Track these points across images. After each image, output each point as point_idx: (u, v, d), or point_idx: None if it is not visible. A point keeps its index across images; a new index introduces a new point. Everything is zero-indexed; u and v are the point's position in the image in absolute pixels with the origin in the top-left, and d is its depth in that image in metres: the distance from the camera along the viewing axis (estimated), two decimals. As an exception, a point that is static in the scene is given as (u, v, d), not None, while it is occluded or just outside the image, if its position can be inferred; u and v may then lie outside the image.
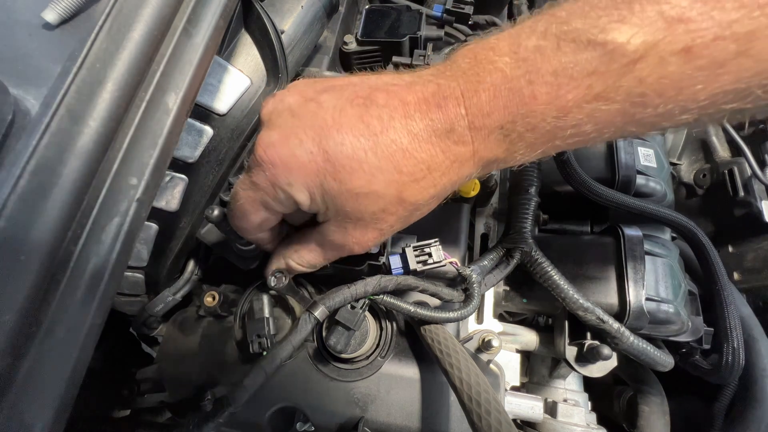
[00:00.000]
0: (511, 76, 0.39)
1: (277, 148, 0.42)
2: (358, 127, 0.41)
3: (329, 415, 0.61)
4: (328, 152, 0.41)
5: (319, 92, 0.44)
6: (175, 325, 0.71)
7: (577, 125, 0.39)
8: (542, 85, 0.38)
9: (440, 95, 0.41)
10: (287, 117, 0.44)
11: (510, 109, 0.40)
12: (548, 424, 0.69)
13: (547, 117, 0.39)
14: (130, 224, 0.37)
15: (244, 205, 0.47)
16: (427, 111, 0.41)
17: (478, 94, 0.40)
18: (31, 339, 0.33)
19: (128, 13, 0.39)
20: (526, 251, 0.66)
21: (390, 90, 0.43)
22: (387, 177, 0.42)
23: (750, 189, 0.98)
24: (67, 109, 0.35)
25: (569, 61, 0.37)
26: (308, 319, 0.54)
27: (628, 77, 0.35)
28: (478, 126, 0.41)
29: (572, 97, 0.38)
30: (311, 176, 0.43)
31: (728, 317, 0.68)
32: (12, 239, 0.32)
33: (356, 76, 0.47)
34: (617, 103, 0.37)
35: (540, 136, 0.41)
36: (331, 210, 0.46)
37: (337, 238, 0.49)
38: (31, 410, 0.33)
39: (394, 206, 0.45)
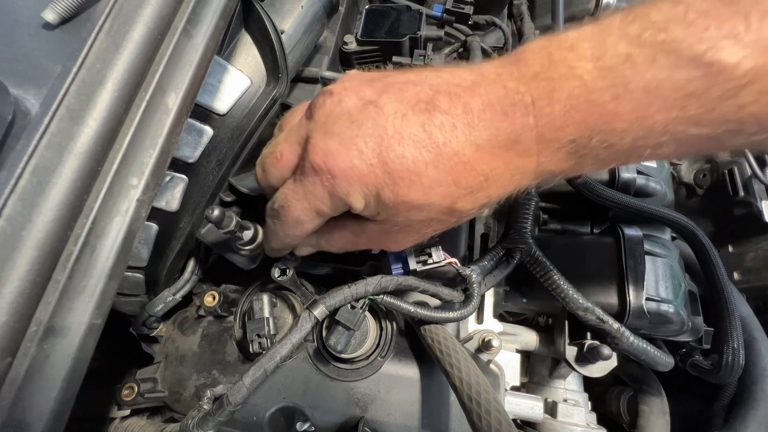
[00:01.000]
0: (593, 88, 0.35)
1: (337, 159, 0.40)
2: (419, 138, 0.39)
3: (329, 415, 0.61)
4: (387, 164, 0.39)
5: (378, 93, 0.42)
6: (175, 325, 0.71)
7: (658, 146, 0.36)
8: (629, 101, 0.34)
9: (507, 101, 0.38)
10: (346, 123, 0.41)
11: (587, 124, 0.36)
12: (548, 424, 0.69)
13: (627, 135, 0.35)
14: (130, 224, 0.37)
15: (300, 215, 0.46)
16: (492, 120, 0.38)
17: (552, 105, 0.36)
18: (31, 339, 0.32)
19: (128, 13, 0.39)
20: (526, 251, 0.66)
21: (452, 93, 0.40)
22: (444, 190, 0.40)
23: (750, 189, 0.98)
24: (67, 109, 0.35)
25: (665, 78, 0.32)
26: (308, 317, 0.54)
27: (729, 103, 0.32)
28: (547, 139, 0.38)
29: (661, 118, 0.34)
30: (369, 187, 0.41)
31: (728, 317, 0.68)
32: (12, 239, 0.32)
33: (413, 72, 0.44)
34: (709, 128, 0.33)
35: (614, 153, 0.37)
36: (381, 215, 0.44)
37: (377, 236, 0.48)
38: (31, 410, 0.33)
39: (443, 216, 0.44)
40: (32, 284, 0.32)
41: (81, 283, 0.35)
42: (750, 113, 0.32)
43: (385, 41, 0.91)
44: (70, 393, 0.34)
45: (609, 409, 0.87)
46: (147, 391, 0.67)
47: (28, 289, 0.32)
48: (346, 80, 0.45)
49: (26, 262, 0.32)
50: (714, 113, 0.32)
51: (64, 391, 0.34)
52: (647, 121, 0.34)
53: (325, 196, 0.43)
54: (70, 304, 0.34)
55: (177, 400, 0.66)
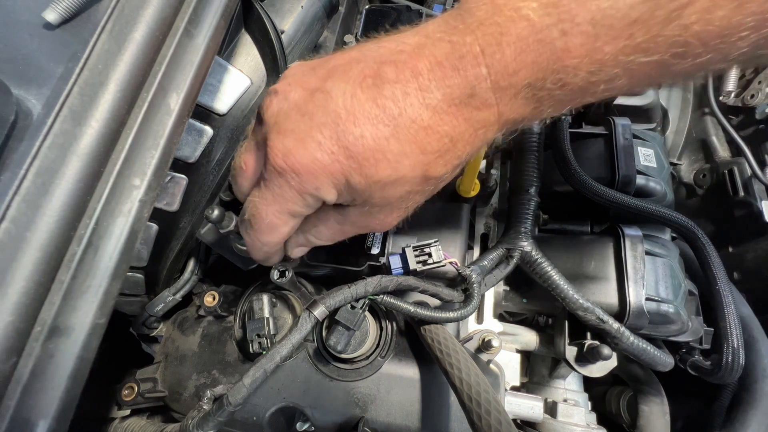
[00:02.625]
0: (540, 26, 0.34)
1: (296, 155, 0.40)
2: (374, 114, 0.38)
3: (329, 415, 0.61)
4: (349, 149, 0.39)
5: (322, 79, 0.41)
6: (175, 325, 0.71)
7: (611, 79, 0.36)
8: (577, 35, 0.33)
9: (455, 55, 0.37)
10: (296, 117, 0.40)
11: (540, 64, 0.35)
12: (548, 424, 0.69)
13: (580, 72, 0.35)
14: (133, 225, 0.37)
15: (272, 220, 0.45)
16: (443, 77, 0.37)
17: (502, 50, 0.35)
18: (35, 339, 0.33)
19: (130, 14, 0.39)
20: (526, 251, 0.66)
21: (398, 60, 0.38)
22: (412, 160, 0.40)
23: (750, 189, 0.98)
24: (69, 110, 0.35)
25: (609, 6, 0.32)
26: (308, 318, 0.54)
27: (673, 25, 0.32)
28: (503, 86, 0.37)
29: (610, 49, 0.34)
30: (337, 175, 0.40)
31: (728, 317, 0.68)
32: (16, 240, 0.32)
33: (354, 49, 0.43)
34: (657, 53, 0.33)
35: (570, 92, 0.37)
36: (357, 200, 0.44)
37: (361, 220, 0.48)
38: (36, 409, 0.33)
39: (420, 185, 0.43)
40: (37, 284, 0.32)
41: (85, 283, 0.35)
42: (694, 33, 0.32)
43: (385, 41, 0.91)
44: (75, 392, 0.35)
45: (609, 409, 0.87)
46: (147, 391, 0.67)
47: (32, 289, 0.32)
48: (288, 75, 0.44)
49: (31, 262, 0.32)
50: (660, 38, 0.33)
51: (69, 390, 0.34)
52: (597, 54, 0.34)
53: (295, 196, 0.42)
54: (74, 304, 0.35)
55: (177, 400, 0.66)
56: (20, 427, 0.32)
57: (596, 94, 0.37)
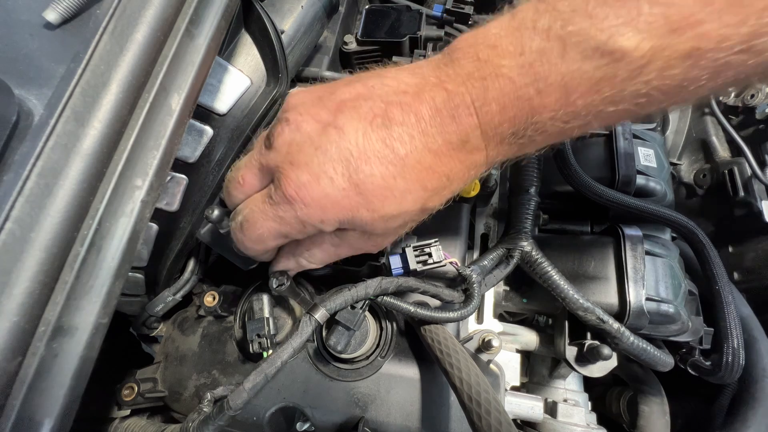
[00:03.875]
0: (519, 84, 0.38)
1: (309, 189, 0.42)
2: (384, 154, 0.41)
3: (329, 415, 0.61)
4: (359, 185, 0.41)
5: (333, 113, 0.43)
6: (175, 325, 0.71)
7: (585, 124, 0.39)
8: (551, 94, 0.37)
9: (452, 104, 0.40)
10: (310, 151, 0.42)
11: (520, 118, 0.39)
12: (548, 424, 0.69)
13: (556, 121, 0.39)
14: (135, 225, 0.37)
15: (264, 234, 0.47)
16: (442, 124, 0.41)
17: (489, 104, 0.39)
18: (40, 339, 0.33)
19: (131, 15, 0.39)
20: (526, 251, 0.66)
21: (402, 102, 0.42)
22: (415, 196, 0.43)
23: (750, 189, 0.98)
24: (72, 111, 0.35)
25: (577, 69, 0.36)
26: (309, 321, 0.53)
27: (635, 81, 0.35)
28: (490, 135, 0.41)
29: (581, 102, 0.37)
30: (344, 211, 0.43)
31: (728, 317, 0.68)
32: (20, 241, 0.32)
33: (359, 82, 0.45)
34: (623, 104, 0.37)
35: (549, 136, 0.41)
36: (358, 230, 0.47)
37: (357, 243, 0.50)
38: (40, 408, 0.33)
39: (417, 216, 0.47)
40: (41, 285, 0.32)
41: (88, 284, 0.35)
42: (654, 87, 0.35)
43: (385, 41, 0.91)
44: (78, 391, 0.35)
45: (609, 409, 0.87)
46: (147, 391, 0.67)
47: (36, 289, 0.32)
48: (297, 104, 0.46)
49: (35, 263, 0.32)
50: (625, 92, 0.36)
51: (72, 389, 0.34)
52: (570, 108, 0.38)
53: (297, 223, 0.44)
54: (77, 304, 0.35)
55: (177, 400, 0.66)
56: (25, 425, 0.32)
57: (572, 134, 0.42)
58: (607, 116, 0.38)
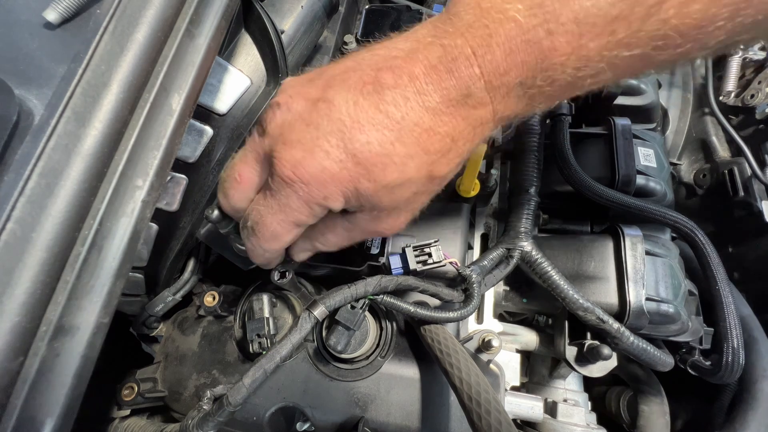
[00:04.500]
0: (527, 26, 0.36)
1: (305, 166, 0.40)
2: (378, 120, 0.39)
3: (329, 415, 0.62)
4: (356, 155, 0.39)
5: (322, 88, 0.42)
6: (175, 325, 0.72)
7: (597, 74, 0.37)
8: (562, 34, 0.35)
9: (448, 58, 0.38)
10: (302, 127, 0.41)
11: (529, 63, 0.37)
12: (548, 424, 0.69)
13: (567, 68, 0.37)
14: (136, 225, 0.38)
15: (276, 229, 0.45)
16: (439, 80, 0.39)
17: (492, 50, 0.37)
18: (41, 338, 0.33)
19: (132, 15, 0.39)
20: (526, 251, 0.66)
21: (394, 66, 0.40)
22: (417, 161, 0.41)
23: (750, 189, 0.98)
24: (73, 111, 0.35)
25: (591, 5, 0.34)
26: (308, 318, 0.54)
27: (652, 20, 0.33)
28: (495, 85, 0.39)
29: (594, 45, 0.35)
30: (345, 183, 0.41)
31: (728, 317, 0.68)
32: (22, 241, 0.32)
33: (348, 58, 0.44)
34: (639, 48, 0.35)
35: (559, 87, 0.39)
36: (365, 206, 0.44)
37: (369, 225, 0.48)
38: (42, 407, 0.33)
39: (425, 185, 0.44)
40: (42, 285, 0.33)
41: (89, 283, 0.35)
42: (672, 26, 0.33)
43: (385, 41, 0.91)
44: (79, 390, 0.35)
45: (609, 409, 0.87)
46: (147, 391, 0.67)
47: (38, 289, 0.32)
48: (287, 88, 0.44)
49: (36, 263, 0.32)
50: (641, 32, 0.34)
51: (74, 388, 0.34)
52: (582, 51, 0.36)
53: (302, 206, 0.43)
54: (78, 304, 0.35)
55: (177, 400, 0.66)
56: (28, 424, 0.32)
57: (584, 87, 0.39)
58: (621, 63, 0.36)
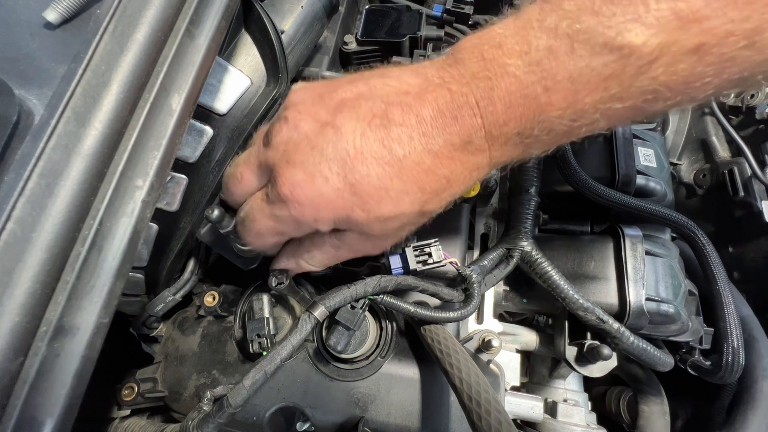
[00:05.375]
0: (526, 83, 0.38)
1: (304, 188, 0.42)
2: (381, 154, 0.41)
3: (329, 415, 0.61)
4: (354, 185, 0.41)
5: (332, 113, 0.43)
6: (175, 325, 0.71)
7: (592, 123, 0.39)
8: (559, 91, 0.37)
9: (454, 105, 0.40)
10: (307, 150, 0.42)
11: (527, 116, 0.39)
12: (548, 424, 0.69)
13: (563, 120, 0.39)
14: (136, 225, 0.38)
15: (262, 230, 0.48)
16: (444, 126, 0.40)
17: (494, 104, 0.39)
18: (41, 339, 0.33)
19: (132, 15, 0.39)
20: (526, 251, 0.66)
21: (403, 103, 0.41)
22: (412, 198, 0.42)
23: (750, 189, 0.98)
24: (73, 111, 0.35)
25: (585, 66, 0.36)
26: (308, 319, 0.54)
27: (642, 77, 0.35)
28: (495, 135, 0.41)
29: (589, 100, 0.37)
30: (339, 211, 0.43)
31: (728, 317, 0.68)
32: (22, 241, 0.32)
33: (360, 81, 0.45)
34: (631, 100, 0.37)
35: (555, 136, 0.41)
36: (354, 231, 0.46)
37: (356, 245, 0.50)
38: (42, 407, 0.33)
39: (415, 218, 0.46)
40: (42, 285, 0.33)
41: (89, 284, 0.35)
42: (662, 83, 0.35)
43: (385, 41, 0.91)
44: (79, 391, 0.35)
45: (609, 409, 0.87)
46: (147, 391, 0.67)
47: (38, 289, 0.32)
48: (297, 102, 0.46)
49: (36, 263, 0.32)
50: (633, 88, 0.36)
51: (74, 389, 0.34)
52: (578, 105, 0.38)
53: (292, 221, 0.45)
54: (78, 304, 0.35)
55: (177, 400, 0.66)
56: (28, 425, 0.32)
57: (579, 135, 0.41)
58: (615, 114, 0.38)
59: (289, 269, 0.56)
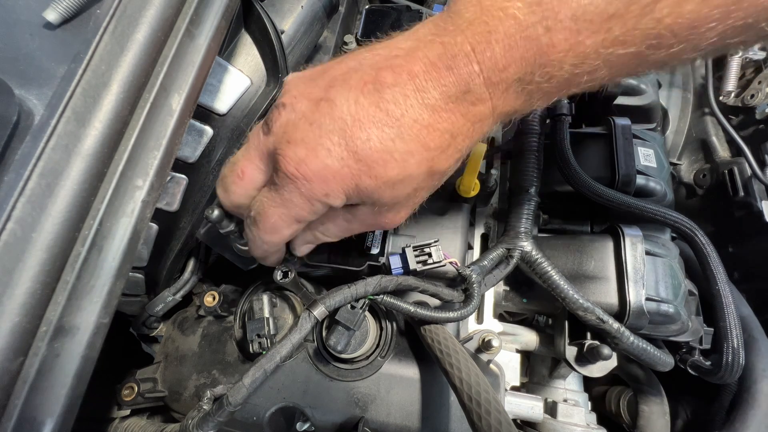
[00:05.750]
0: (526, 23, 0.37)
1: (308, 163, 0.41)
2: (378, 117, 0.40)
3: (329, 415, 0.61)
4: (357, 152, 0.41)
5: (324, 88, 0.43)
6: (175, 325, 0.72)
7: (593, 71, 0.38)
8: (560, 31, 0.36)
9: (447, 55, 0.39)
10: (305, 126, 0.42)
11: (527, 60, 0.38)
12: (548, 424, 0.69)
13: (564, 65, 0.38)
14: (136, 225, 0.38)
15: (277, 222, 0.46)
16: (438, 78, 0.39)
17: (491, 47, 0.38)
18: (41, 338, 0.33)
19: (132, 15, 0.39)
20: (526, 251, 0.66)
21: (394, 65, 0.41)
22: (417, 157, 0.42)
23: (750, 189, 0.98)
24: (73, 112, 0.35)
25: (589, 2, 0.35)
26: (308, 317, 0.54)
27: (647, 18, 0.35)
28: (494, 81, 0.39)
29: (591, 42, 0.36)
30: (347, 180, 0.42)
31: (728, 317, 0.68)
32: (22, 241, 0.32)
33: (349, 58, 0.45)
34: (634, 46, 0.36)
35: (557, 84, 0.40)
36: (366, 201, 0.45)
37: (369, 218, 0.49)
38: (42, 407, 0.33)
39: (426, 181, 0.45)
40: (42, 285, 0.33)
41: (89, 284, 0.35)
42: (666, 25, 0.35)
43: (385, 41, 0.91)
44: (79, 390, 0.35)
45: (609, 409, 0.87)
46: (147, 391, 0.67)
47: (38, 289, 0.32)
48: (291, 87, 0.45)
49: (36, 263, 0.32)
50: (636, 31, 0.35)
51: (74, 388, 0.34)
52: (579, 47, 0.37)
53: (304, 202, 0.44)
54: (78, 304, 0.35)
55: (177, 400, 0.66)
56: (28, 425, 0.32)
57: (580, 85, 0.40)
58: (617, 61, 0.37)
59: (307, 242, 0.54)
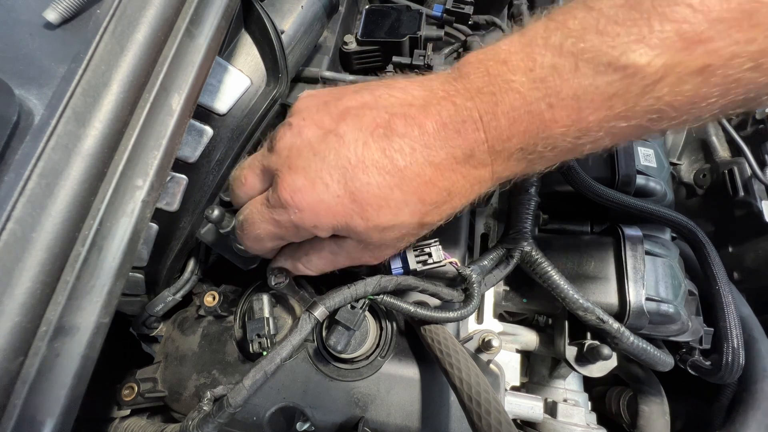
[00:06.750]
0: (530, 99, 0.38)
1: (304, 194, 0.42)
2: (382, 164, 0.41)
3: (329, 415, 0.61)
4: (354, 193, 0.41)
5: (336, 120, 0.43)
6: (175, 325, 0.71)
7: (596, 141, 0.39)
8: (563, 108, 0.37)
9: (458, 119, 0.40)
10: (309, 156, 0.42)
11: (530, 132, 0.39)
12: (548, 424, 0.69)
13: (567, 137, 0.39)
14: (136, 225, 0.38)
15: (261, 233, 0.48)
16: (447, 138, 0.41)
17: (498, 119, 0.39)
18: (41, 339, 0.33)
19: (132, 15, 0.39)
20: (526, 251, 0.66)
21: (407, 115, 0.42)
22: (412, 209, 0.43)
23: (750, 189, 0.98)
24: (73, 111, 0.35)
25: (589, 84, 0.36)
26: (308, 319, 0.54)
27: (647, 97, 0.35)
28: (498, 150, 0.41)
29: (593, 118, 0.37)
30: (338, 217, 0.43)
31: (728, 317, 0.68)
32: (22, 241, 0.32)
33: (366, 90, 0.46)
34: (636, 119, 0.37)
35: (559, 153, 0.41)
36: (353, 239, 0.46)
37: (355, 253, 0.50)
38: (42, 407, 0.33)
39: (414, 230, 0.46)
40: (42, 285, 0.32)
41: (89, 284, 0.35)
42: (666, 102, 0.35)
43: (385, 41, 0.91)
44: (79, 391, 0.35)
45: (609, 409, 0.87)
46: (147, 391, 0.67)
47: (38, 289, 0.32)
48: (302, 109, 0.46)
49: (36, 263, 0.32)
50: (637, 107, 0.36)
51: (74, 389, 0.34)
52: (582, 123, 0.38)
53: (291, 227, 0.45)
54: (78, 304, 0.35)
55: (177, 400, 0.66)
56: (28, 425, 0.32)
57: (583, 152, 0.41)
58: (619, 132, 0.38)
59: (285, 269, 0.56)
